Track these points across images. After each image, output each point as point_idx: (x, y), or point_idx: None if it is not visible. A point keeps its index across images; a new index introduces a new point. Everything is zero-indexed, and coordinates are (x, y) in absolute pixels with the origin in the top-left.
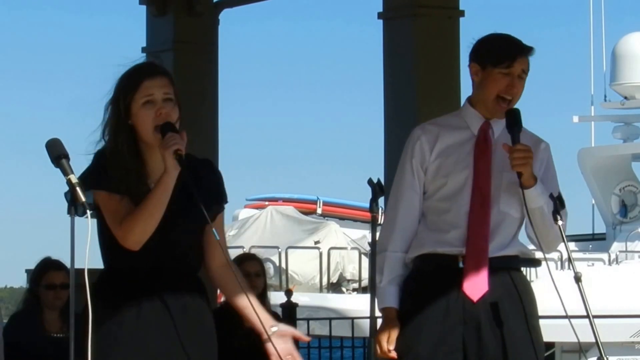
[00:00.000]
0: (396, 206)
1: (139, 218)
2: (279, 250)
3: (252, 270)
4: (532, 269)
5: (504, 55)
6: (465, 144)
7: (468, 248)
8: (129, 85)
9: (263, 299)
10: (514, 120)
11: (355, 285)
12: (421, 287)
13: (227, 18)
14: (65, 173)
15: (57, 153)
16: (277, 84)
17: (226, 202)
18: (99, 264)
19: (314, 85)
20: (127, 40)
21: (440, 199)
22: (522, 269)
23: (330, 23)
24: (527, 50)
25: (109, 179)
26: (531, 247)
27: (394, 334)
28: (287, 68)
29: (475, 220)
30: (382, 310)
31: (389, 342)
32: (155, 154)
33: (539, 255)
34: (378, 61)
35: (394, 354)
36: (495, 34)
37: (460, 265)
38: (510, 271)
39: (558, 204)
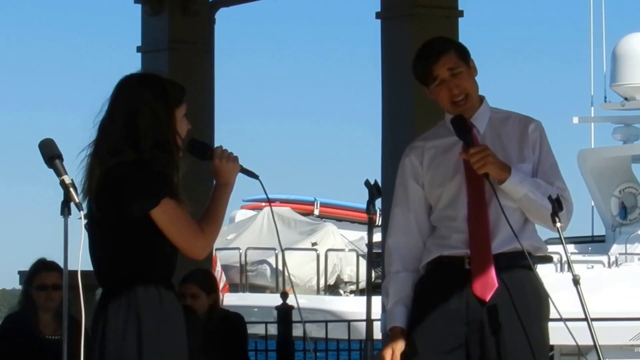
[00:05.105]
0: (390, 229)
1: (218, 227)
2: (276, 252)
3: (187, 292)
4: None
5: (422, 77)
6: (452, 148)
7: (472, 250)
8: (175, 97)
9: (211, 315)
10: (459, 127)
11: (353, 287)
12: (426, 289)
13: (223, 17)
14: (59, 173)
15: (50, 153)
16: (273, 84)
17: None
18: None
19: (310, 85)
20: (121, 39)
21: (442, 207)
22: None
23: (327, 22)
24: (434, 57)
25: (172, 187)
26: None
27: (398, 350)
28: (283, 68)
29: (474, 222)
30: (389, 330)
31: (392, 359)
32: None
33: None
34: (376, 61)
35: None
36: (415, 57)
37: (467, 266)
38: (518, 270)
39: (556, 206)
